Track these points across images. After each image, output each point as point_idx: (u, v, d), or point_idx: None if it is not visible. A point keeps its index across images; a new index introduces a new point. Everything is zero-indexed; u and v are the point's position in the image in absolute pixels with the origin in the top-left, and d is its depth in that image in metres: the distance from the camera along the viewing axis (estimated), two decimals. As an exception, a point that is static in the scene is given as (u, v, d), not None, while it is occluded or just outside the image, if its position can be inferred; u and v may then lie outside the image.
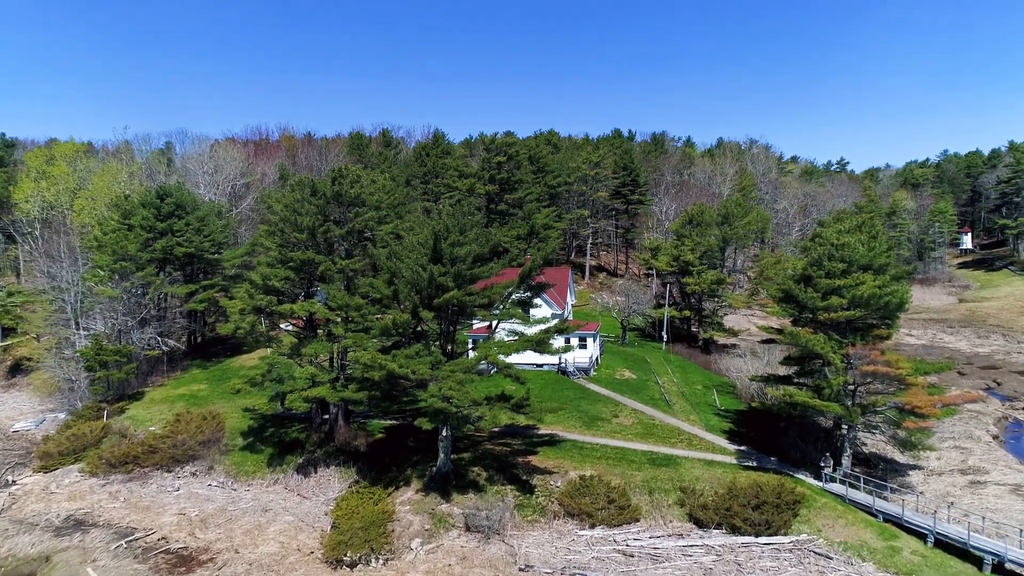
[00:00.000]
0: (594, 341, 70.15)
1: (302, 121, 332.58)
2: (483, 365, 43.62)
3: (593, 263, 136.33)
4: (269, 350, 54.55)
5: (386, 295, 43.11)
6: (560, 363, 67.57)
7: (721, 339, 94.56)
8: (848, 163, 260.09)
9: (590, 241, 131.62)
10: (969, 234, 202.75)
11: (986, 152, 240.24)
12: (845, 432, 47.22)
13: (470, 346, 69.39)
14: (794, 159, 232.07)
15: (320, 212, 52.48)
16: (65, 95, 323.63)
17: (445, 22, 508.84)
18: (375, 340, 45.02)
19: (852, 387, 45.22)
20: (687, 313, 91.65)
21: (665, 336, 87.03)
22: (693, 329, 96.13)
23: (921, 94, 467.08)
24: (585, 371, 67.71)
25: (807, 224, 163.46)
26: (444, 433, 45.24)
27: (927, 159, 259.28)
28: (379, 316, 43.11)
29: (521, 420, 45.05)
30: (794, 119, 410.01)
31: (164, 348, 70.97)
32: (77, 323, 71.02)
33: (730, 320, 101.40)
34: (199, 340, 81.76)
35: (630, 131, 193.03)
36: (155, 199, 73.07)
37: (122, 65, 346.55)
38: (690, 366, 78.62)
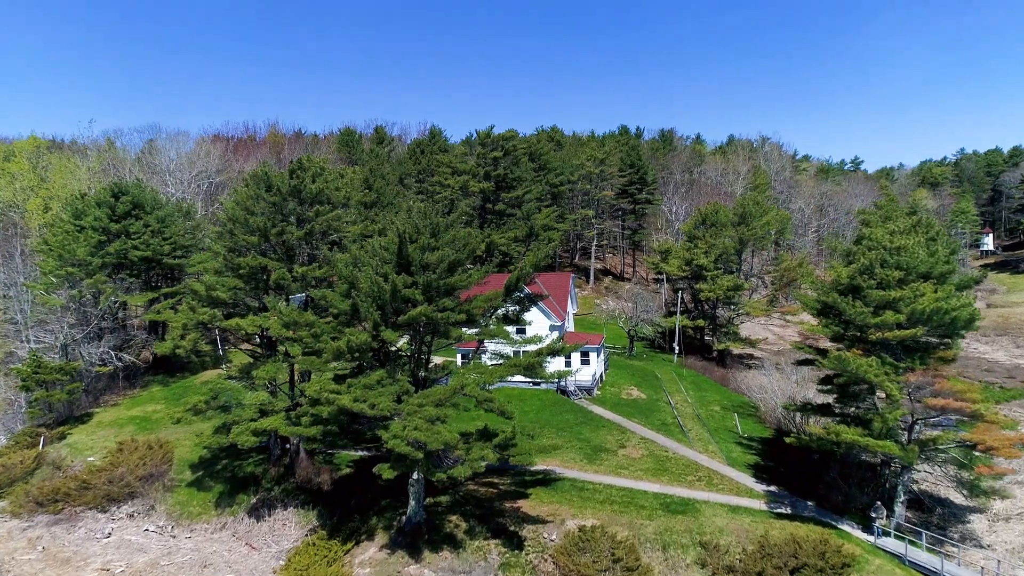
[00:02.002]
0: (598, 356, 62.39)
1: (295, 118, 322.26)
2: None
3: (598, 266, 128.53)
4: (220, 371, 47.07)
5: (343, 310, 35.53)
6: (559, 381, 59.86)
7: (737, 349, 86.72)
8: (862, 162, 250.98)
9: (595, 243, 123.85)
10: (991, 235, 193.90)
11: (1006, 150, 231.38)
12: (898, 471, 39.38)
13: (459, 362, 61.94)
14: (807, 158, 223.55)
15: (277, 210, 45.02)
16: (49, 90, 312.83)
17: (443, 15, 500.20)
18: (334, 364, 37.49)
19: (910, 421, 37.40)
20: (701, 322, 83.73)
21: (677, 348, 79.16)
22: (707, 338, 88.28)
23: (932, 92, 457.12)
24: (588, 390, 59.97)
25: (823, 225, 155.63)
26: (415, 476, 37.58)
27: (944, 158, 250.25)
28: (335, 336, 35.52)
29: (513, 452, 37.23)
30: (802, 117, 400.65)
31: (118, 364, 63.50)
32: (27, 335, 63.85)
33: (747, 328, 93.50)
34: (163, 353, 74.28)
35: (638, 128, 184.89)
36: (109, 197, 65.71)
37: (101, 58, 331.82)
38: (705, 382, 70.79)
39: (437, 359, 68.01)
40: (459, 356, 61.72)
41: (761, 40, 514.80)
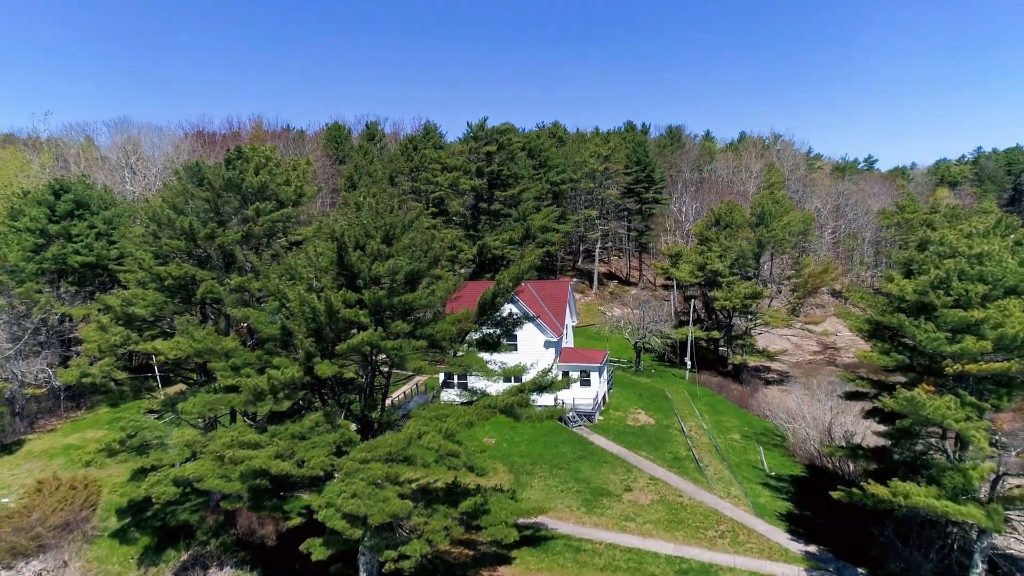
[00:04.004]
0: (600, 376, 54.58)
1: (282, 114, 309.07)
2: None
3: (603, 270, 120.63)
4: (146, 402, 39.53)
5: (272, 335, 27.89)
6: (555, 404, 52.10)
7: (754, 362, 78.87)
8: (876, 160, 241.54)
9: (599, 245, 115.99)
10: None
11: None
12: (975, 534, 31.50)
13: (441, 381, 54.24)
14: (819, 156, 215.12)
15: (212, 209, 37.43)
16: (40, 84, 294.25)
17: (443, 9, 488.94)
18: (267, 402, 29.77)
19: (994, 476, 29.53)
20: (715, 334, 75.77)
21: (689, 363, 71.27)
22: (721, 350, 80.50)
23: (944, 90, 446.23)
24: (588, 416, 52.19)
25: (841, 226, 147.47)
26: (366, 542, 29.83)
27: (962, 156, 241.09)
28: (262, 368, 27.91)
29: (484, 523, 29.46)
30: (812, 115, 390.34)
31: (57, 384, 56.00)
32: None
33: (763, 339, 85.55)
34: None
35: (644, 124, 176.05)
36: (49, 195, 58.30)
37: (65, 45, 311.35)
38: (721, 403, 62.88)
39: (420, 377, 60.45)
40: (442, 376, 54.07)
41: (767, 37, 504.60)
